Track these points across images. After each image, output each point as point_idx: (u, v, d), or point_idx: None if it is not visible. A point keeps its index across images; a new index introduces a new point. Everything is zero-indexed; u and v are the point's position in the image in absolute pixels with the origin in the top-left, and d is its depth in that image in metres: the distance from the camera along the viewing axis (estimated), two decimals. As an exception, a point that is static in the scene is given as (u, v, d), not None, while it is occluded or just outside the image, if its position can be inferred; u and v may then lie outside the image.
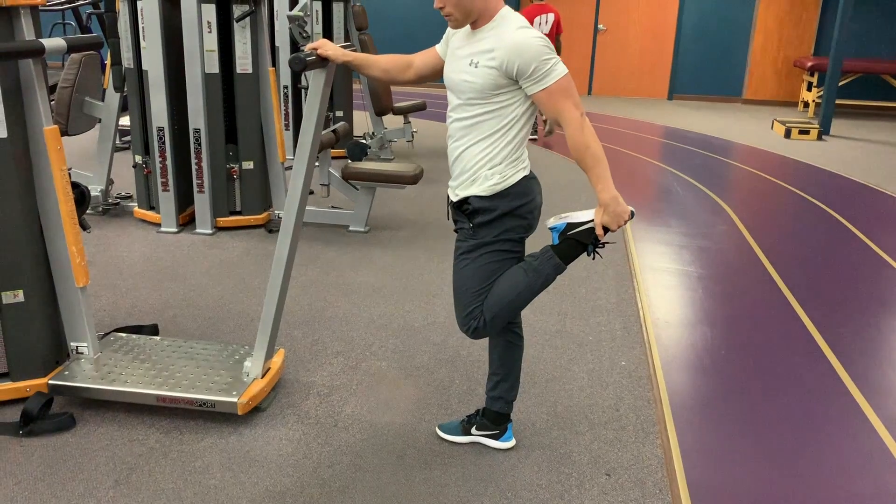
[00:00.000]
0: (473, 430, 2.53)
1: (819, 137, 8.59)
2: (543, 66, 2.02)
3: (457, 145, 2.21)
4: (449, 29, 2.27)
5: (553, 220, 2.24)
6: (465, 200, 2.20)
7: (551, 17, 7.52)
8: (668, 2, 11.30)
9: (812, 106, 10.18)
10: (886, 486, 2.38)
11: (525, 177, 2.20)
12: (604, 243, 2.19)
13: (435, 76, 2.40)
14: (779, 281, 4.12)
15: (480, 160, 2.16)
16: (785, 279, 4.14)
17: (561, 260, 2.22)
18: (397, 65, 2.40)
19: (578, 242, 2.19)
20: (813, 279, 4.17)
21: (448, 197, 2.32)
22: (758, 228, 5.08)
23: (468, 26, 2.18)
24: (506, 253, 2.24)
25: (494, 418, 2.50)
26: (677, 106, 11.09)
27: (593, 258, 2.24)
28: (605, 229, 2.15)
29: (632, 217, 2.16)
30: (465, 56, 2.13)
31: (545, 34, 8.23)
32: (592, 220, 2.16)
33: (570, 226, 2.19)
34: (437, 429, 2.60)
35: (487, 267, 2.23)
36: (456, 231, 2.31)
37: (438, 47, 2.35)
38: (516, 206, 2.19)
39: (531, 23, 8.07)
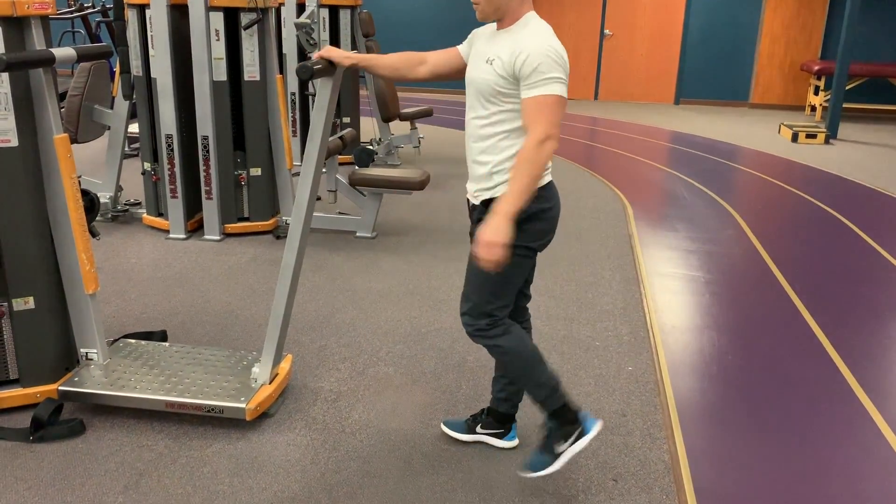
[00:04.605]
0: (478, 429, 2.55)
1: (826, 141, 8.57)
2: (542, 76, 2.00)
3: (476, 146, 2.20)
4: (474, 31, 2.29)
5: None
6: (493, 200, 2.17)
7: None
8: (675, 6, 11.31)
9: (819, 110, 10.16)
10: (894, 491, 2.37)
11: (550, 182, 2.22)
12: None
13: (452, 75, 2.38)
14: (786, 286, 4.11)
15: (505, 157, 2.14)
16: (792, 284, 4.14)
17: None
18: (408, 62, 2.38)
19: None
20: (820, 283, 4.16)
21: (468, 200, 2.30)
22: (765, 233, 5.07)
23: (494, 26, 2.19)
24: (525, 258, 2.23)
25: (501, 418, 2.52)
26: (684, 110, 11.08)
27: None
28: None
29: (501, 262, 2.03)
30: (485, 55, 2.14)
31: None
32: None
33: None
34: (441, 424, 2.62)
35: (506, 272, 2.19)
36: (475, 231, 2.28)
37: (461, 48, 2.34)
38: (543, 208, 2.17)
39: None
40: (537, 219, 2.17)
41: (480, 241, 2.01)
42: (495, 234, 2.00)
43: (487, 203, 2.22)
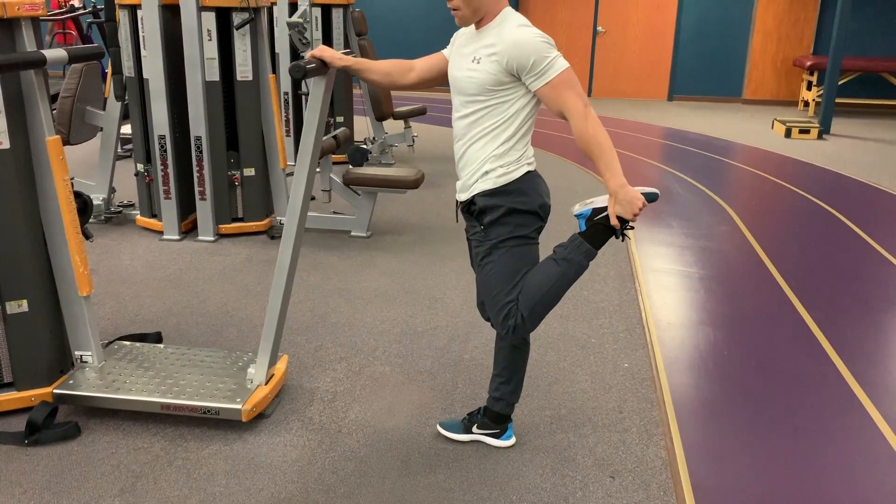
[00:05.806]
0: (475, 429, 2.56)
1: (819, 136, 8.59)
2: (543, 61, 2.06)
3: (461, 144, 2.24)
4: (455, 33, 2.33)
5: (578, 206, 2.25)
6: (472, 201, 2.23)
7: None
8: (667, 3, 11.31)
9: (812, 105, 10.18)
10: (890, 486, 2.38)
11: (529, 172, 2.22)
12: (631, 226, 2.19)
13: (440, 79, 2.42)
14: (781, 281, 4.12)
15: (484, 155, 2.18)
16: (787, 279, 4.15)
17: (591, 246, 2.21)
18: (399, 68, 2.42)
19: (606, 227, 2.18)
20: (815, 278, 4.17)
21: (457, 200, 2.35)
22: (759, 228, 5.09)
23: (473, 26, 2.22)
24: (524, 246, 2.24)
25: (496, 418, 2.53)
26: (677, 107, 11.09)
27: (622, 240, 2.23)
28: (622, 220, 2.13)
29: (654, 199, 2.17)
30: (468, 54, 2.18)
31: None
32: None
33: (596, 211, 2.20)
34: (438, 425, 2.62)
35: (511, 264, 2.23)
36: (469, 238, 2.34)
37: (445, 51, 2.38)
38: (521, 201, 2.19)
39: None
40: (515, 213, 2.20)
41: (629, 215, 2.08)
42: (629, 205, 2.07)
43: (468, 204, 2.25)
